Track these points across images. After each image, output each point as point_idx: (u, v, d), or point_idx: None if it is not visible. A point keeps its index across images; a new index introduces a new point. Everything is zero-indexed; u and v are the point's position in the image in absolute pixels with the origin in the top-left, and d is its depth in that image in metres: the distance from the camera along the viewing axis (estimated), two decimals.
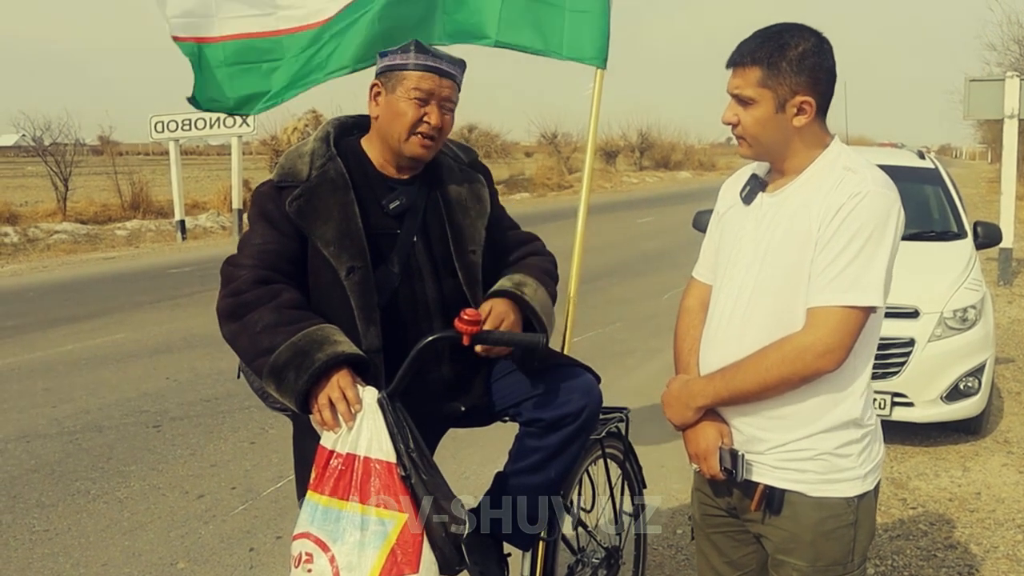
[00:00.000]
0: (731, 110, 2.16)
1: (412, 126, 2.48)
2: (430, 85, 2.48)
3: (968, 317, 5.56)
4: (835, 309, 2.01)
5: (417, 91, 2.47)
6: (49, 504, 4.78)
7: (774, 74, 2.07)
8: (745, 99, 2.11)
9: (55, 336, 8.94)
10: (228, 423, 6.13)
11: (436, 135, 2.51)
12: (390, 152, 2.56)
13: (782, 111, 2.09)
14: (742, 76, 2.11)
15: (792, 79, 2.07)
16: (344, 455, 2.15)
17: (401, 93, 2.48)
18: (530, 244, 2.84)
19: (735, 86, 2.13)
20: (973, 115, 12.83)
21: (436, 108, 2.49)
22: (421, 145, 2.51)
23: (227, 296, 2.40)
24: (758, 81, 2.09)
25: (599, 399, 2.69)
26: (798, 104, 2.09)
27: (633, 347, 8.31)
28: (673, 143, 51.70)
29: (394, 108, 2.49)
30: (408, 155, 2.53)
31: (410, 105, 2.47)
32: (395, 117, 2.49)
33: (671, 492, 4.85)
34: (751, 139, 2.15)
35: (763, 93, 2.09)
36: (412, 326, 2.44)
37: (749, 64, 2.10)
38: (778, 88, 2.08)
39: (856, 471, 2.13)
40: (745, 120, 2.13)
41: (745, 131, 2.14)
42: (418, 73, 2.48)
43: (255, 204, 2.52)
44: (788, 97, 2.08)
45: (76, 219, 18.87)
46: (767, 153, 2.18)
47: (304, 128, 24.60)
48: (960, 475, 5.16)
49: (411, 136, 2.49)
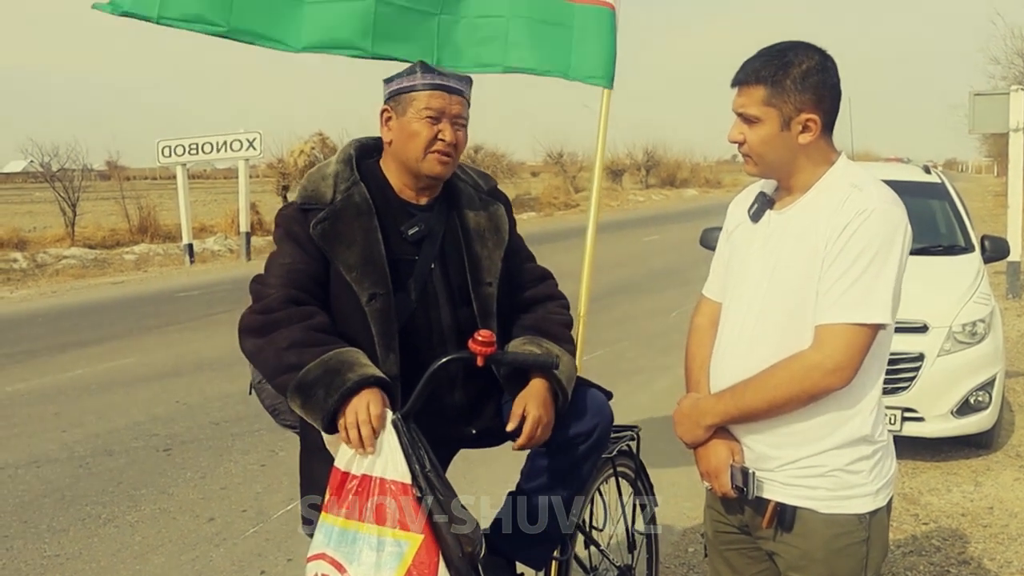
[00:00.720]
0: (736, 129, 2.17)
1: (427, 145, 2.48)
2: (440, 103, 2.49)
3: (977, 331, 5.55)
4: (843, 327, 2.02)
5: (428, 110, 2.48)
6: (60, 529, 4.78)
7: (778, 92, 2.09)
8: (750, 118, 2.13)
9: (65, 361, 8.97)
10: (238, 446, 6.13)
11: (452, 151, 2.52)
12: (408, 175, 2.56)
13: (787, 129, 2.10)
14: (747, 95, 2.13)
15: (796, 97, 2.08)
16: (359, 476, 2.16)
17: (412, 114, 2.49)
18: (544, 284, 2.81)
19: (740, 105, 2.14)
20: (978, 129, 12.84)
21: (449, 125, 2.50)
22: (439, 162, 2.51)
23: (257, 313, 2.41)
24: (762, 100, 2.10)
25: (610, 417, 2.70)
26: (803, 122, 2.10)
27: (642, 365, 8.31)
28: (679, 161, 51.81)
29: (407, 130, 2.50)
30: (427, 174, 2.53)
31: (423, 124, 2.48)
32: (409, 138, 2.50)
33: (683, 510, 4.83)
34: (757, 157, 2.16)
35: (768, 112, 2.10)
36: (427, 352, 2.43)
37: (753, 83, 2.11)
38: (783, 106, 2.09)
39: (867, 487, 2.12)
40: (750, 139, 2.14)
41: (751, 149, 2.16)
42: (427, 92, 2.49)
43: (280, 225, 2.53)
44: (793, 115, 2.09)
45: (84, 244, 18.97)
46: (773, 171, 2.19)
47: (311, 151, 24.68)
48: (972, 490, 5.13)
49: (428, 155, 2.49)
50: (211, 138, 18.50)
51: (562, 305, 2.80)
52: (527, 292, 2.76)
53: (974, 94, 12.23)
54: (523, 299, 2.74)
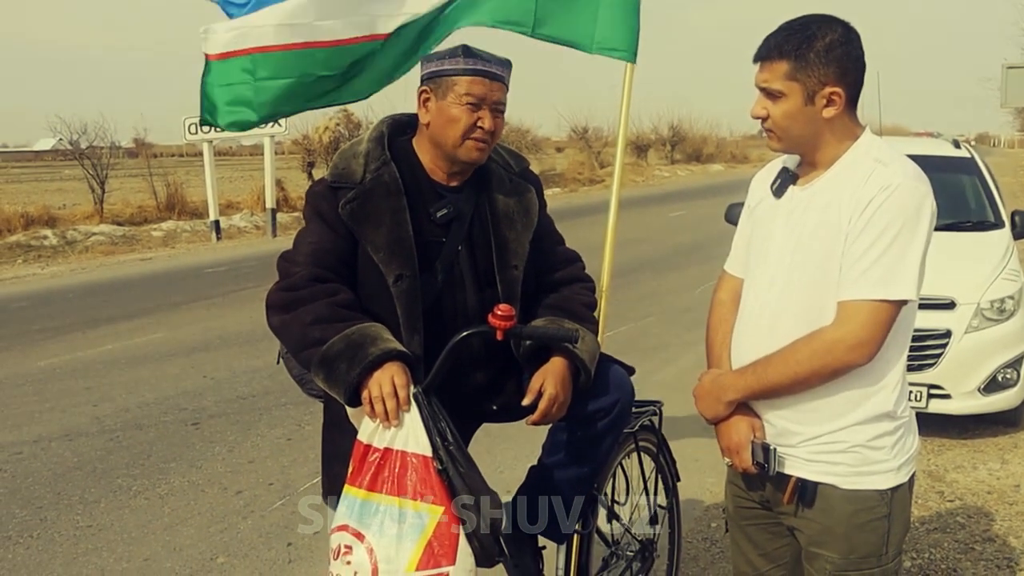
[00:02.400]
0: (760, 104, 2.15)
1: (466, 131, 2.47)
2: (481, 90, 2.47)
3: (1006, 308, 5.49)
4: (866, 303, 2.01)
5: (469, 96, 2.46)
6: (92, 500, 4.88)
7: (802, 66, 2.06)
8: (773, 92, 2.11)
9: (94, 336, 9.10)
10: (265, 420, 6.21)
11: (489, 139, 2.51)
12: (442, 158, 2.56)
13: (811, 103, 2.08)
14: (770, 70, 2.11)
15: (820, 71, 2.06)
16: (381, 449, 2.19)
17: (452, 99, 2.47)
18: (572, 266, 2.81)
19: (763, 80, 2.12)
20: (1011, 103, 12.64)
21: (488, 112, 2.48)
22: (476, 149, 2.50)
23: (282, 290, 2.43)
24: (786, 74, 2.08)
25: (632, 393, 2.71)
26: (827, 96, 2.08)
27: (667, 341, 8.30)
28: (705, 136, 51.36)
29: (446, 114, 2.48)
30: (463, 159, 2.52)
31: (463, 111, 2.46)
32: (448, 123, 2.48)
33: (705, 486, 4.84)
34: (781, 132, 2.14)
35: (791, 86, 2.08)
36: (452, 333, 2.42)
37: (776, 57, 2.09)
38: (806, 80, 2.07)
39: (889, 463, 2.12)
40: (774, 113, 2.12)
41: (774, 124, 2.14)
42: (468, 78, 2.47)
43: (309, 203, 2.54)
44: (817, 89, 2.07)
45: (113, 221, 19.16)
46: (797, 146, 2.17)
47: (336, 127, 24.68)
48: (998, 467, 5.10)
49: (465, 141, 2.49)
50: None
51: (587, 287, 2.79)
52: (555, 275, 2.76)
53: (1007, 67, 12.02)
54: (550, 281, 2.74)
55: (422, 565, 2.12)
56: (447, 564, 2.13)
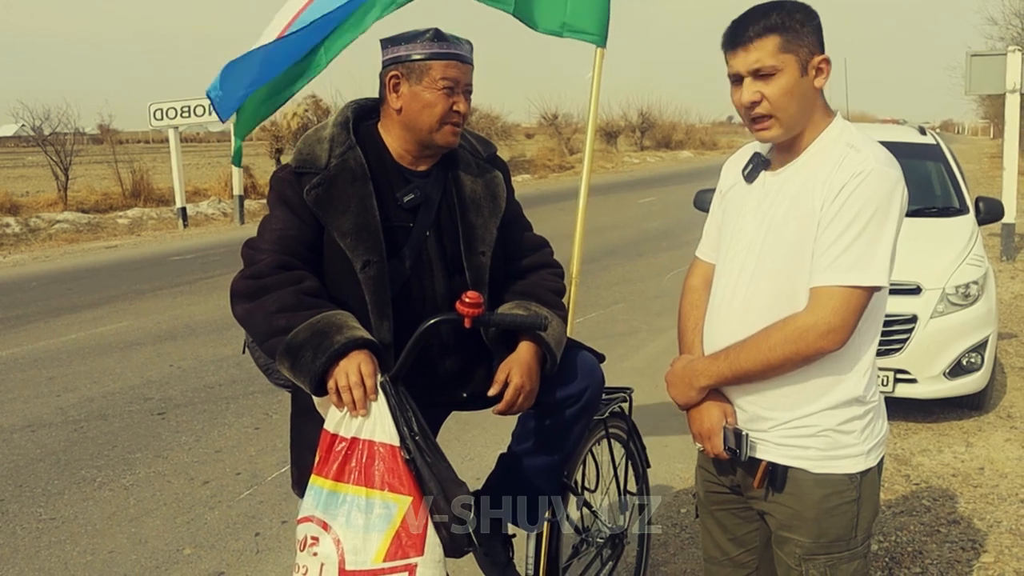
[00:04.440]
0: (750, 88, 2.08)
1: (443, 116, 2.44)
2: (456, 73, 2.44)
3: (970, 293, 5.55)
4: (838, 289, 2.00)
5: (445, 80, 2.43)
6: (55, 492, 4.80)
7: (793, 37, 2.04)
8: (766, 71, 2.05)
9: (58, 325, 8.96)
10: (232, 409, 6.14)
11: (462, 122, 2.50)
12: (414, 142, 2.52)
13: (805, 74, 2.06)
14: (759, 48, 2.05)
15: (808, 40, 2.05)
16: (348, 439, 2.15)
17: (428, 83, 2.43)
18: (540, 252, 2.78)
19: (753, 61, 2.05)
20: (975, 90, 12.73)
21: (462, 96, 2.46)
22: (452, 133, 2.48)
23: (247, 278, 2.39)
24: (779, 47, 2.04)
25: (601, 380, 2.69)
26: (817, 64, 2.07)
27: (636, 327, 8.31)
28: (674, 123, 51.56)
29: (421, 99, 2.44)
30: (440, 144, 2.49)
31: (439, 96, 2.43)
32: (423, 108, 2.44)
33: (674, 471, 4.86)
34: (780, 112, 2.07)
35: (786, 59, 2.04)
36: (421, 320, 2.39)
37: (764, 33, 2.05)
38: (799, 51, 2.04)
39: (859, 447, 2.12)
40: (771, 92, 2.06)
41: (772, 106, 2.07)
42: (443, 62, 2.43)
43: (273, 189, 2.50)
44: (808, 59, 2.05)
45: (77, 208, 18.89)
46: (796, 125, 2.10)
47: (304, 114, 24.49)
48: (963, 451, 5.16)
49: (443, 126, 2.46)
50: (204, 101, 18.30)
51: (555, 273, 2.77)
52: (523, 261, 2.73)
53: (971, 55, 12.11)
54: (518, 267, 2.72)
55: (390, 556, 2.09)
56: (415, 555, 2.10)
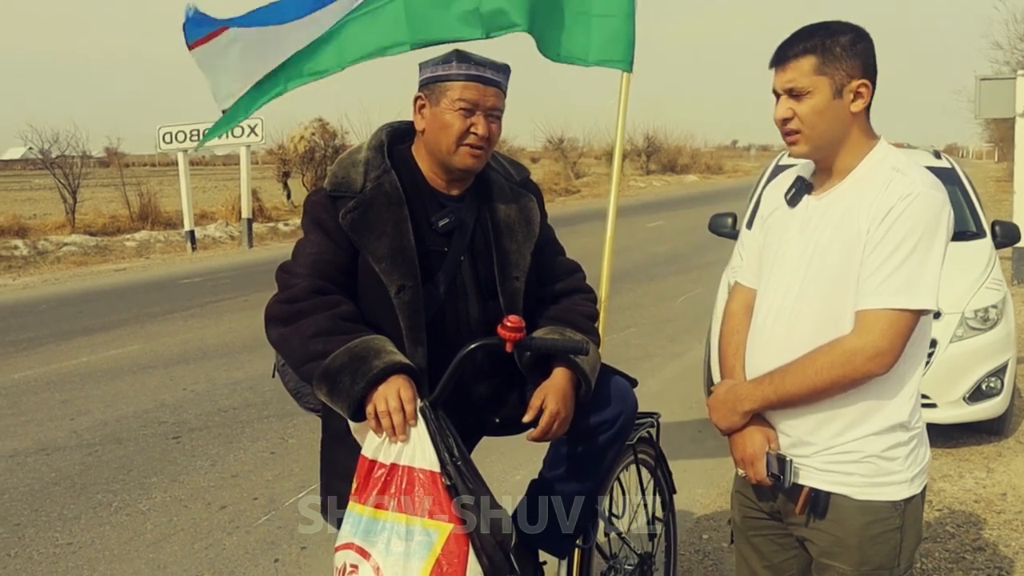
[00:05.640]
0: (784, 105, 2.12)
1: (459, 137, 2.43)
2: (474, 95, 2.43)
3: (990, 317, 5.53)
4: (886, 312, 1.99)
5: (462, 101, 2.42)
6: (71, 517, 4.77)
7: (829, 60, 2.06)
8: (799, 91, 2.08)
9: (69, 348, 8.94)
10: (247, 433, 6.12)
11: (484, 145, 2.47)
12: (439, 165, 2.52)
13: (839, 97, 2.07)
14: (795, 68, 2.08)
15: (847, 63, 2.06)
16: (387, 465, 2.13)
17: (446, 105, 2.43)
18: (573, 277, 2.77)
19: (787, 80, 2.10)
20: (985, 114, 12.78)
21: (483, 118, 2.44)
22: (471, 155, 2.46)
23: (282, 302, 2.38)
24: (813, 69, 2.06)
25: (634, 405, 2.68)
26: (855, 89, 2.07)
27: (650, 352, 8.29)
28: (679, 146, 51.70)
29: (440, 120, 2.45)
30: (459, 167, 2.48)
31: (456, 116, 2.43)
32: (441, 129, 2.45)
33: (695, 497, 4.82)
34: (808, 130, 2.10)
35: (819, 81, 2.07)
36: (455, 345, 2.37)
37: (801, 55, 2.08)
38: (834, 74, 2.06)
39: (903, 474, 2.10)
40: (801, 111, 2.09)
41: (801, 123, 2.10)
42: (461, 83, 2.43)
43: (308, 212, 2.49)
44: (844, 82, 2.07)
45: (85, 231, 18.91)
46: (822, 147, 2.13)
47: (311, 137, 24.59)
48: (984, 476, 5.12)
49: (459, 147, 2.45)
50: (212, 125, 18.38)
51: (588, 298, 2.76)
52: (556, 285, 2.72)
53: (980, 79, 12.15)
54: (551, 292, 2.71)
55: None
56: None
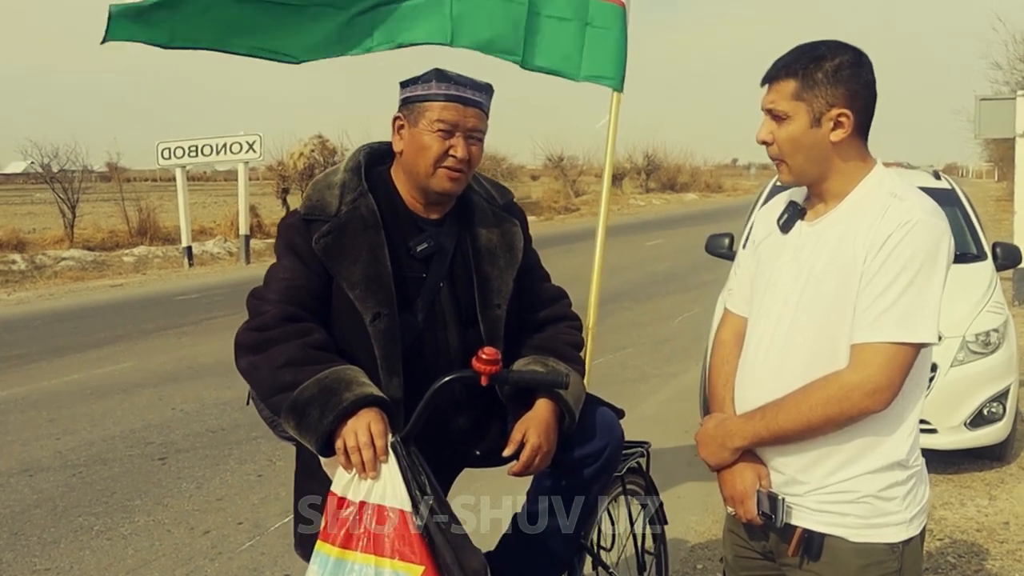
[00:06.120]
0: (765, 128, 2.05)
1: (437, 160, 2.34)
2: (453, 116, 2.34)
3: (991, 341, 5.42)
4: (884, 346, 1.90)
5: (440, 123, 2.33)
6: (51, 541, 4.65)
7: (808, 86, 1.97)
8: (778, 114, 2.01)
9: (60, 365, 8.84)
10: (235, 455, 6.01)
11: (464, 168, 2.37)
12: (417, 188, 2.42)
13: (817, 125, 1.98)
14: (776, 90, 2.01)
15: (828, 91, 1.97)
16: (356, 503, 2.03)
17: (424, 126, 2.34)
18: (557, 304, 2.67)
19: (769, 101, 2.03)
20: (985, 134, 12.72)
21: (462, 139, 2.35)
22: (449, 179, 2.36)
23: (251, 330, 2.29)
24: (792, 94, 1.99)
25: (621, 437, 2.58)
26: (834, 117, 1.98)
27: (647, 373, 8.18)
28: (679, 165, 51.81)
29: (418, 142, 2.36)
30: (436, 190, 2.39)
31: (434, 138, 2.33)
32: (419, 151, 2.35)
33: (689, 525, 4.71)
34: (787, 158, 2.03)
35: (797, 107, 1.99)
36: (433, 376, 2.27)
37: (783, 77, 2.00)
38: (813, 101, 1.97)
39: (901, 515, 2.00)
40: (779, 137, 2.02)
41: (780, 150, 2.03)
42: (440, 104, 2.34)
43: (281, 236, 2.40)
44: (823, 111, 1.98)
45: (84, 245, 18.88)
46: (805, 175, 2.05)
47: (311, 154, 24.59)
48: (986, 504, 5.01)
49: (437, 170, 2.35)
50: (211, 140, 18.42)
51: (574, 326, 2.66)
52: (540, 313, 2.62)
53: (980, 99, 12.10)
54: (535, 320, 2.61)
55: None
56: None
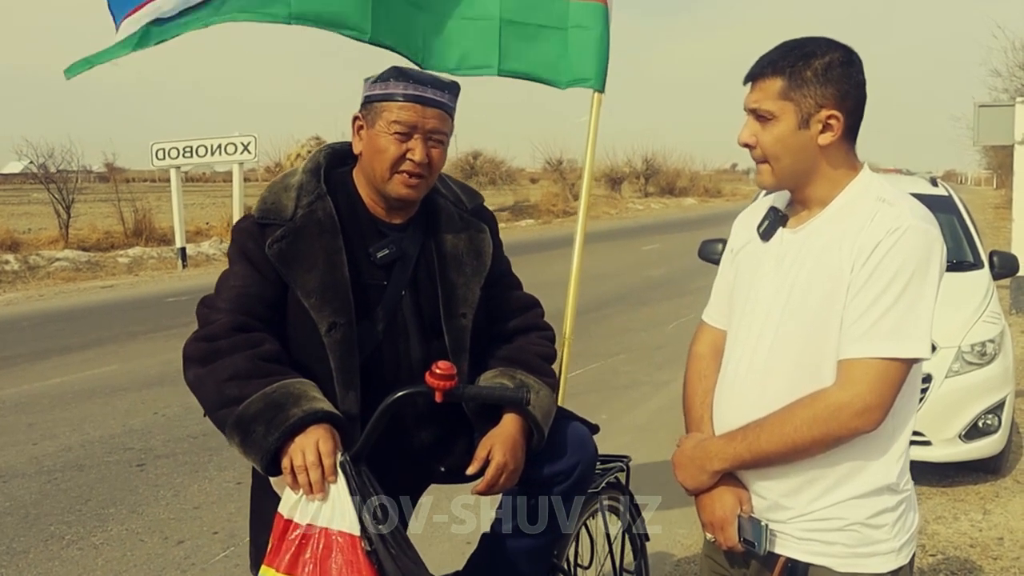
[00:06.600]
0: (748, 129, 1.91)
1: (393, 164, 2.21)
2: (411, 117, 2.20)
3: (987, 351, 5.30)
4: (874, 361, 1.77)
5: (397, 124, 2.20)
6: (20, 551, 4.52)
7: (797, 85, 1.84)
8: (764, 114, 1.87)
9: (44, 368, 8.71)
10: (214, 462, 5.88)
11: (424, 172, 2.24)
12: (376, 192, 2.30)
13: (805, 127, 1.85)
14: (761, 88, 1.87)
15: (817, 90, 1.83)
16: (303, 526, 1.91)
17: (381, 127, 2.21)
18: (529, 313, 2.54)
19: (753, 100, 1.89)
20: (983, 141, 12.64)
21: (421, 142, 2.21)
22: (405, 184, 2.23)
23: (200, 340, 2.17)
24: (779, 93, 1.85)
25: (594, 453, 2.45)
26: (823, 119, 1.85)
27: (638, 379, 8.04)
28: (678, 169, 51.76)
29: (374, 144, 2.23)
30: (393, 195, 2.26)
31: (390, 140, 2.20)
32: (376, 154, 2.23)
33: (676, 538, 4.58)
34: (772, 161, 1.90)
35: (784, 107, 1.85)
36: (393, 389, 2.13)
37: (770, 75, 1.86)
38: (801, 101, 1.84)
39: (890, 543, 1.87)
40: (764, 139, 1.88)
41: (765, 152, 1.89)
42: (398, 104, 2.20)
43: (235, 241, 2.27)
44: (812, 111, 1.84)
45: (78, 246, 18.73)
46: (790, 179, 1.92)
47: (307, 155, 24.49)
48: (980, 518, 4.88)
49: (393, 175, 2.22)
50: (205, 141, 18.32)
51: (545, 336, 2.53)
52: (509, 323, 2.49)
53: (979, 106, 12.00)
54: (504, 330, 2.48)
55: None
56: None
